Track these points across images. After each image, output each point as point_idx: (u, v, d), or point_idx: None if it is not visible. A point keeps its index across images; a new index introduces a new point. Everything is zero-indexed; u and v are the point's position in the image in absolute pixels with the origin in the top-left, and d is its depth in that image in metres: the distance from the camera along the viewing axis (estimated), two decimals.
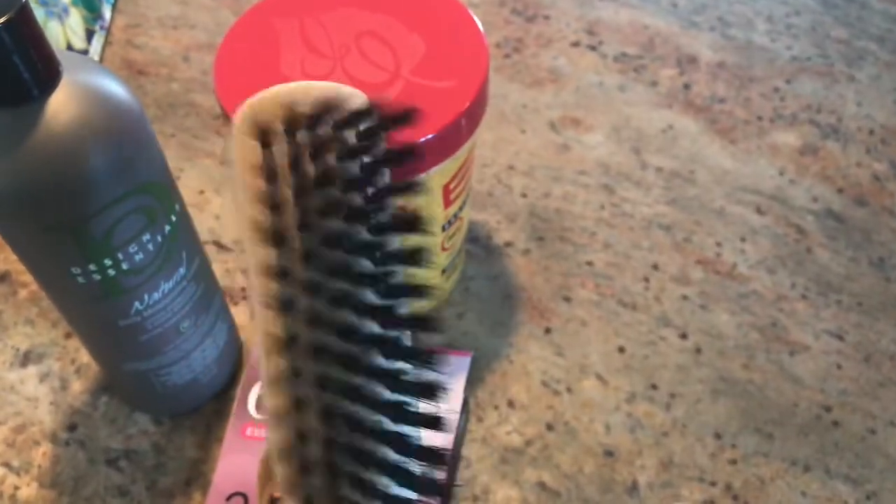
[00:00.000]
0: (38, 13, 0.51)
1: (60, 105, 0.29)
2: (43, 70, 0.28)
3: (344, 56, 0.37)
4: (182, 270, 0.36)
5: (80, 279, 0.33)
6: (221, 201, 0.52)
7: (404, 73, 0.36)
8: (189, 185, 0.52)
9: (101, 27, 0.60)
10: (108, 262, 0.33)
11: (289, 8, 0.39)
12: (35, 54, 0.28)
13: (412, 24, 0.38)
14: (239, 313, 0.47)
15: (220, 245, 0.50)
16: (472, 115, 0.36)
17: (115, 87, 0.31)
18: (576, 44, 0.60)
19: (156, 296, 0.36)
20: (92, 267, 0.33)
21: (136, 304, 0.35)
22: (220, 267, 0.49)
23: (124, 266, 0.33)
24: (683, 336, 0.46)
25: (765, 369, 0.45)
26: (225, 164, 0.21)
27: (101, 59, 0.59)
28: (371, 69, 0.36)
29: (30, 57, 0.27)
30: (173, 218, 0.35)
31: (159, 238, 0.34)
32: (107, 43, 0.60)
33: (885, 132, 0.55)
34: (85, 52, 0.57)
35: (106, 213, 0.31)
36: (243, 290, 0.48)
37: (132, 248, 0.33)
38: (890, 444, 0.42)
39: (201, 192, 0.52)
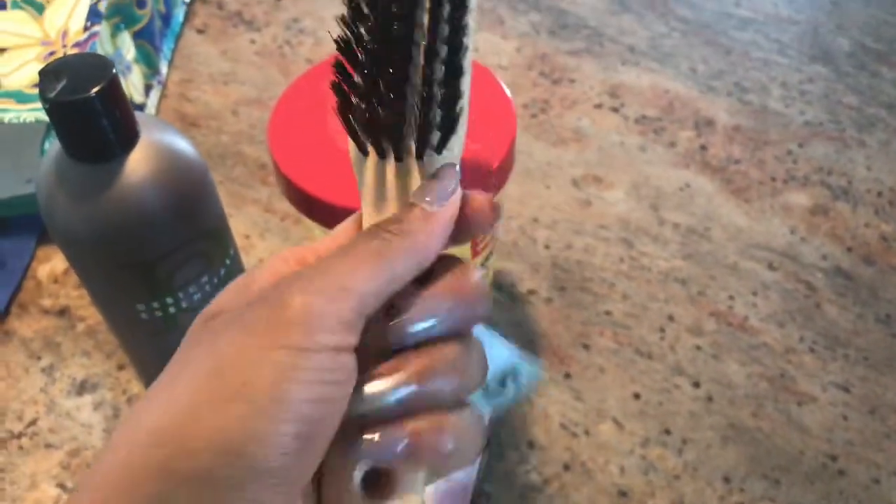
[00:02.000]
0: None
1: (138, 162, 0.33)
2: (125, 132, 0.32)
3: None
4: None
5: (144, 315, 0.37)
6: (266, 245, 0.56)
7: None
8: (236, 229, 0.56)
9: (159, 82, 0.65)
10: (169, 300, 0.36)
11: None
12: (120, 119, 0.32)
13: None
14: None
15: None
16: (500, 174, 0.40)
17: (183, 146, 0.35)
18: (599, 106, 0.63)
19: None
20: (155, 304, 0.36)
21: None
22: None
23: (183, 304, 0.37)
24: (696, 384, 0.48)
25: (773, 418, 0.47)
26: None
27: (157, 112, 0.64)
28: None
29: (116, 122, 0.32)
30: (227, 262, 0.38)
31: (215, 280, 0.38)
32: (162, 96, 0.65)
33: (893, 195, 0.57)
34: (143, 105, 0.61)
35: (171, 257, 0.35)
36: None
37: (192, 289, 0.37)
38: (894, 493, 0.44)
39: (247, 236, 0.56)
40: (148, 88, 0.63)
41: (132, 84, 0.60)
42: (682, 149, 0.60)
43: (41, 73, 0.31)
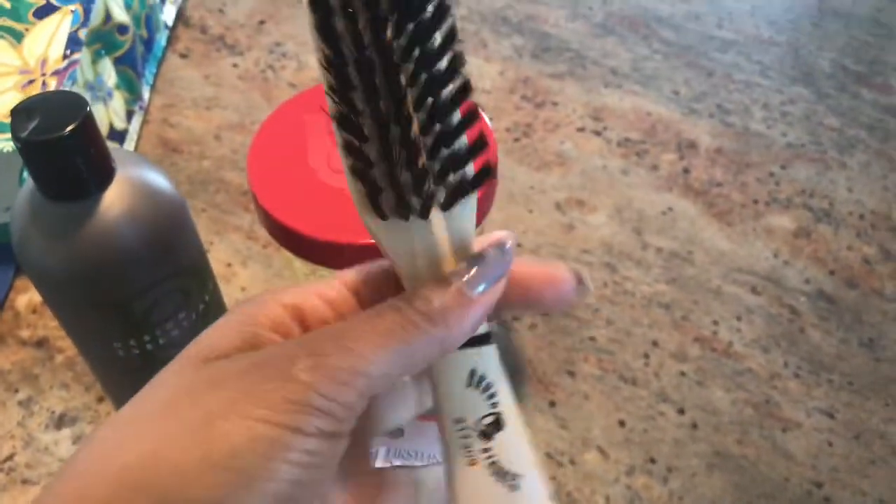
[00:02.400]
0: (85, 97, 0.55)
1: (113, 200, 0.33)
2: (100, 170, 0.32)
3: None
4: None
5: (121, 352, 0.36)
6: (248, 273, 0.55)
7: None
8: (217, 257, 0.56)
9: (140, 107, 0.64)
10: (147, 337, 0.36)
11: (317, 104, 0.43)
12: (95, 157, 0.31)
13: None
14: None
15: None
16: (484, 200, 0.40)
17: (160, 182, 0.35)
18: (581, 129, 0.63)
19: None
20: (132, 342, 0.36)
21: None
22: None
23: (161, 341, 0.36)
24: (681, 411, 0.48)
25: (758, 445, 0.47)
26: None
27: (139, 138, 0.63)
28: None
29: (90, 160, 0.31)
30: (207, 297, 0.38)
31: (194, 316, 0.37)
32: (144, 122, 0.65)
33: (874, 217, 0.58)
34: (125, 131, 0.61)
35: (148, 294, 0.34)
36: None
37: (169, 326, 0.36)
38: None
39: (229, 264, 0.56)
40: (130, 114, 0.62)
41: (113, 110, 0.60)
42: (665, 172, 0.60)
43: (13, 111, 0.30)
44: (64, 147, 0.30)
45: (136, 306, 0.34)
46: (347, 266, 0.39)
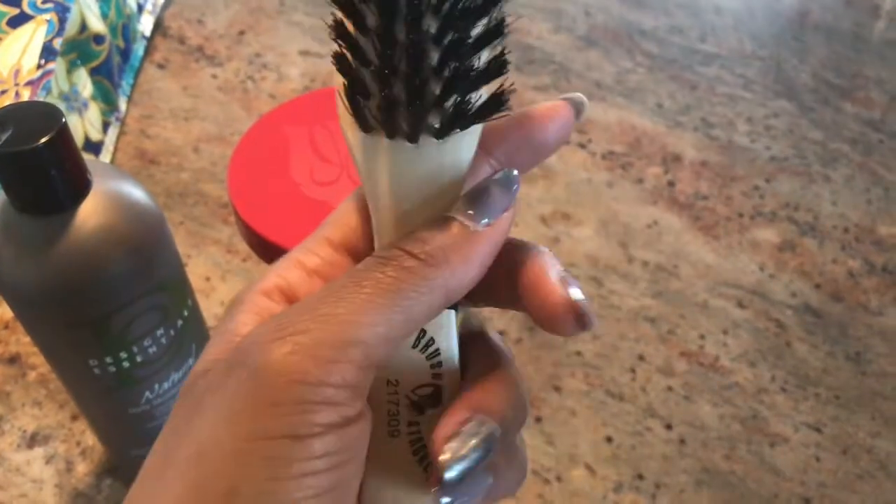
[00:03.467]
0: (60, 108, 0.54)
1: (89, 214, 0.31)
2: (75, 183, 0.31)
3: (349, 163, 0.40)
4: (191, 361, 0.38)
5: (97, 370, 0.35)
6: (227, 288, 0.54)
7: None
8: (196, 271, 0.55)
9: (117, 118, 0.63)
10: (123, 354, 0.35)
11: (299, 116, 0.42)
12: (70, 169, 0.30)
13: None
14: None
15: None
16: None
17: (137, 194, 0.34)
18: (566, 142, 0.63)
19: (165, 385, 0.37)
20: (108, 360, 0.35)
21: (147, 393, 0.37)
22: None
23: (138, 359, 0.35)
24: (668, 427, 0.48)
25: (746, 460, 0.46)
26: None
27: (116, 149, 0.62)
28: None
29: (65, 172, 0.30)
30: (185, 313, 0.37)
31: (172, 332, 0.36)
32: (121, 133, 0.63)
33: (858, 230, 0.58)
34: (101, 143, 0.60)
35: (125, 311, 0.33)
36: None
37: (147, 342, 0.35)
38: None
39: (207, 278, 0.54)
40: (106, 125, 0.61)
41: (89, 121, 0.58)
42: (650, 185, 0.60)
43: None
44: (38, 159, 0.29)
45: (112, 323, 0.33)
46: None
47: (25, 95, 0.51)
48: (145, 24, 0.70)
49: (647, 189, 0.60)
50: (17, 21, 0.53)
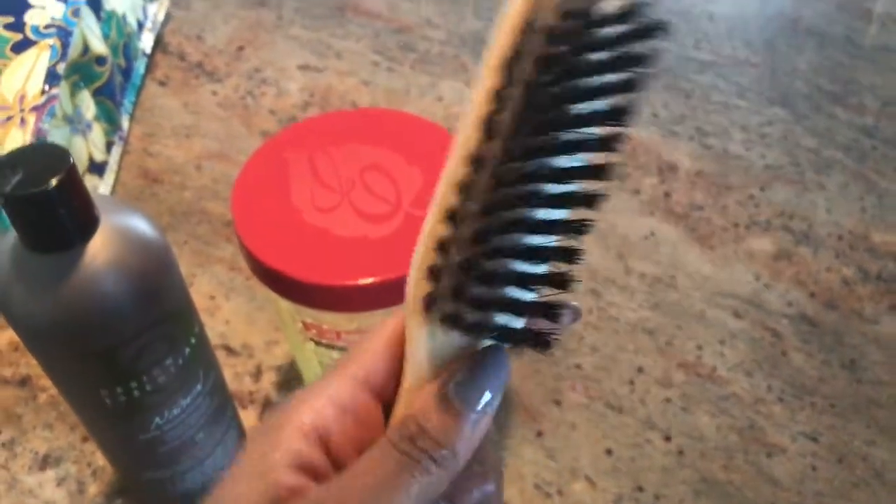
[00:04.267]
0: (64, 132, 0.55)
1: (98, 250, 0.32)
2: (84, 221, 0.32)
3: (350, 190, 0.41)
4: (199, 387, 0.39)
5: (107, 400, 0.36)
6: (231, 306, 0.55)
7: (405, 206, 0.40)
8: (200, 290, 0.56)
9: (120, 137, 0.64)
10: (133, 384, 0.36)
11: (300, 142, 0.43)
12: (78, 208, 0.31)
13: (411, 158, 0.42)
14: (248, 417, 0.49)
15: (229, 349, 0.53)
16: None
17: (143, 227, 0.35)
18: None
19: (175, 411, 0.38)
20: (119, 389, 0.35)
21: (157, 419, 0.38)
22: (229, 371, 0.52)
23: (148, 388, 0.36)
24: (667, 438, 0.49)
25: (744, 470, 0.47)
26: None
27: (119, 168, 0.63)
28: (375, 202, 0.40)
29: (74, 211, 0.31)
30: (192, 340, 0.38)
31: (180, 360, 0.37)
32: (124, 152, 0.64)
33: (852, 238, 0.58)
34: (105, 163, 0.61)
35: (134, 342, 0.34)
36: (251, 393, 0.51)
37: (156, 371, 0.36)
38: None
39: (212, 297, 0.55)
40: (109, 145, 0.62)
41: (93, 143, 0.59)
42: (647, 196, 0.61)
43: None
44: (48, 201, 0.30)
45: (122, 355, 0.34)
46: (331, 307, 0.39)
47: (31, 121, 0.51)
48: (146, 42, 0.71)
49: (644, 200, 0.61)
50: (21, 47, 0.54)
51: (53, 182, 0.30)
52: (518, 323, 0.24)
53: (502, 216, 0.22)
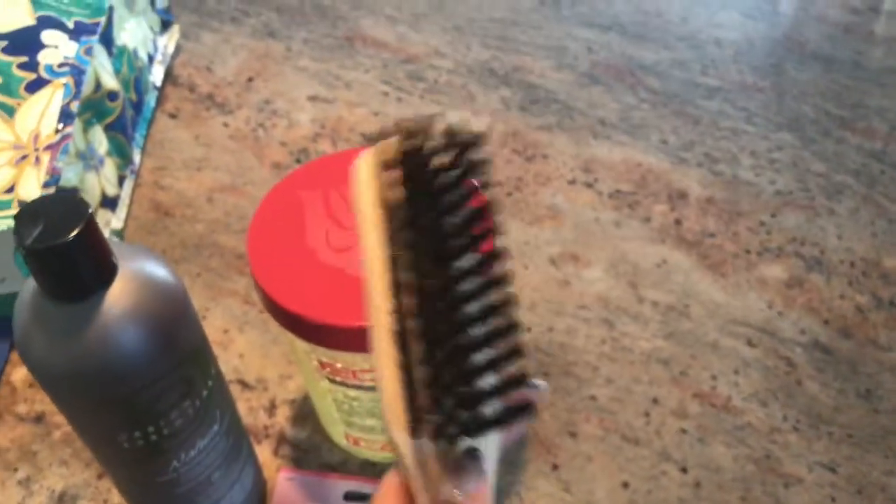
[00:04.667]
0: (77, 168, 0.55)
1: (116, 298, 0.32)
2: (102, 269, 0.32)
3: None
4: (216, 427, 0.39)
5: (125, 444, 0.36)
6: (245, 340, 0.55)
7: None
8: (214, 323, 0.56)
9: (132, 171, 0.64)
10: (151, 428, 0.36)
11: (314, 181, 0.43)
12: (97, 257, 0.31)
13: None
14: (263, 452, 0.49)
15: (244, 383, 0.53)
16: None
17: (161, 273, 0.35)
18: (573, 181, 0.64)
19: (192, 453, 0.38)
20: (137, 434, 0.36)
21: (175, 462, 0.38)
22: (243, 405, 0.52)
23: (165, 431, 0.36)
24: (684, 470, 0.48)
25: (762, 502, 0.47)
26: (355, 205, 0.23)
27: (131, 202, 0.63)
28: None
29: (93, 261, 0.31)
30: (209, 383, 0.38)
31: (197, 403, 0.37)
32: (136, 186, 0.65)
33: (864, 264, 0.58)
34: (117, 197, 0.61)
35: (152, 387, 0.34)
36: (266, 428, 0.51)
37: (173, 415, 0.36)
38: None
39: (226, 330, 0.56)
40: (121, 179, 0.62)
41: (105, 178, 0.60)
42: (658, 223, 0.61)
43: (17, 217, 0.30)
44: (68, 252, 0.30)
45: (140, 400, 0.34)
46: (347, 347, 0.39)
47: (45, 160, 0.52)
48: (156, 75, 0.71)
49: (655, 227, 0.61)
50: (35, 86, 0.54)
51: (74, 233, 0.30)
52: (496, 406, 0.25)
53: (446, 345, 0.25)
